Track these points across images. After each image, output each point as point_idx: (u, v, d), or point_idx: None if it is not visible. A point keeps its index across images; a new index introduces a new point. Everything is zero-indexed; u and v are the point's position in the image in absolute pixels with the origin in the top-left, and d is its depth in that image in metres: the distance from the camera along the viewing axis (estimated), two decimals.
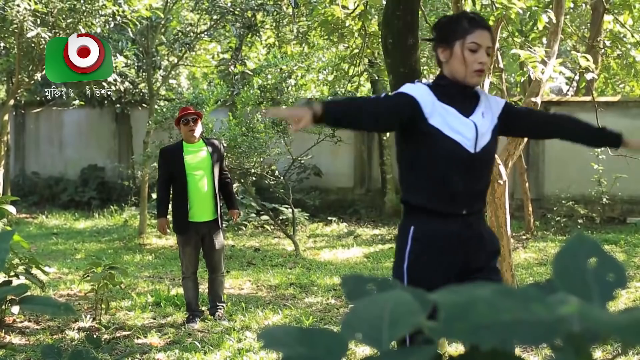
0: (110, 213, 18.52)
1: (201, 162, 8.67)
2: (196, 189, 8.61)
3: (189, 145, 8.73)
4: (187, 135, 8.69)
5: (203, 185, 8.65)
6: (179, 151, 8.69)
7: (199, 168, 8.64)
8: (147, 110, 17.03)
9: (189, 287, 8.84)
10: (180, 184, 8.60)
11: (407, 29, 6.45)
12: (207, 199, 8.67)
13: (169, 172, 8.68)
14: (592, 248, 1.20)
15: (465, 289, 1.14)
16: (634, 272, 11.39)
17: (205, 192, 8.65)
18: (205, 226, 8.69)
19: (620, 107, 16.52)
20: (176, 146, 8.91)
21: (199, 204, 8.63)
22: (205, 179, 8.67)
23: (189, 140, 8.72)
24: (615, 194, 15.84)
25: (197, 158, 8.68)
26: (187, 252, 8.74)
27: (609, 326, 1.01)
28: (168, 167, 8.70)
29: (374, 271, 11.99)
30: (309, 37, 15.29)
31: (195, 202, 8.62)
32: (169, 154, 8.82)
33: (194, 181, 8.61)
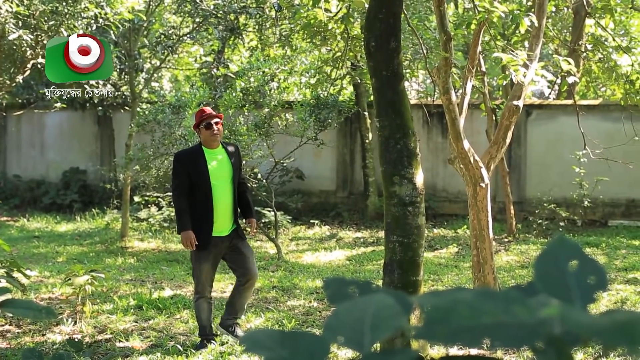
0: (92, 216, 18.46)
1: (222, 169, 7.90)
2: (218, 200, 7.80)
3: (209, 150, 7.94)
4: (209, 140, 7.91)
5: (225, 195, 7.87)
6: (200, 157, 7.87)
7: (221, 176, 7.86)
8: (129, 113, 16.98)
9: (204, 308, 7.95)
10: (203, 194, 7.76)
11: (389, 32, 6.46)
12: (228, 210, 7.90)
13: (189, 180, 7.77)
14: (573, 251, 1.20)
15: (447, 292, 1.14)
16: (615, 274, 11.44)
17: (227, 203, 7.87)
18: (226, 239, 7.88)
19: (601, 111, 16.59)
20: (195, 151, 8.03)
21: (221, 216, 7.82)
22: (226, 188, 7.89)
23: (211, 145, 7.95)
24: (596, 196, 15.90)
25: (219, 165, 7.91)
26: (204, 270, 7.83)
27: (590, 328, 1.01)
28: (188, 175, 7.78)
29: (357, 274, 12.00)
30: (291, 40, 15.28)
31: (219, 215, 7.80)
32: (189, 159, 7.91)
33: (219, 190, 7.82)
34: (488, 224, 8.28)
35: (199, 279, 7.90)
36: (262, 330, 1.24)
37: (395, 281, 6.43)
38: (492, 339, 1.01)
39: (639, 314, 1.05)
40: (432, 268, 12.14)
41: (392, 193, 6.49)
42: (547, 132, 17.06)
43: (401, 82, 6.58)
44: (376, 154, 8.37)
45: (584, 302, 1.14)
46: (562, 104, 17.02)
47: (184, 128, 13.58)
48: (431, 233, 15.88)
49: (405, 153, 6.46)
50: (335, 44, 10.81)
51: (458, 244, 14.74)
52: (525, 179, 17.31)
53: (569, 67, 8.47)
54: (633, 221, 16.61)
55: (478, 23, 8.10)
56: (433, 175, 17.54)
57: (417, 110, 16.17)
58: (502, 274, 11.44)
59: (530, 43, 8.96)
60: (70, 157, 21.09)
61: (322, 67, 11.68)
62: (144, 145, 14.29)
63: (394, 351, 1.10)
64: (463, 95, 8.50)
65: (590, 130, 12.73)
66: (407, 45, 11.69)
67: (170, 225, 16.46)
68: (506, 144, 8.70)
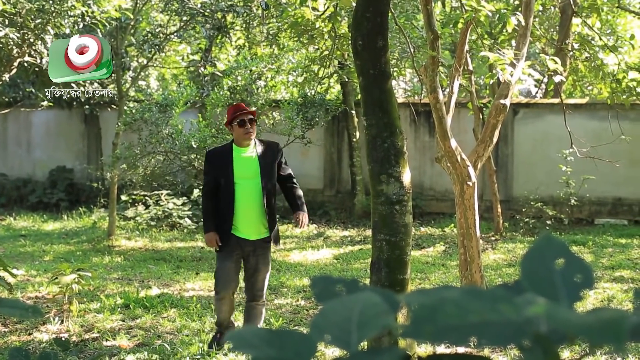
0: (79, 215, 18.41)
1: (249, 168, 7.52)
2: (243, 200, 7.44)
3: (239, 149, 7.58)
4: (242, 138, 7.54)
5: (250, 196, 7.48)
6: (227, 155, 7.56)
7: (246, 175, 7.49)
8: (116, 112, 16.96)
9: (224, 310, 7.69)
10: (227, 193, 7.46)
11: (376, 30, 6.46)
12: (254, 212, 7.49)
13: (216, 178, 7.53)
14: (559, 249, 1.21)
15: (434, 290, 1.15)
16: (601, 272, 11.47)
17: (252, 204, 7.47)
18: (250, 244, 7.51)
19: (588, 109, 16.64)
20: (225, 149, 7.71)
21: (245, 219, 7.46)
22: (253, 188, 7.49)
23: (243, 143, 7.58)
24: (583, 195, 15.95)
25: (246, 163, 7.53)
26: (226, 268, 7.50)
27: (576, 326, 1.01)
28: (215, 173, 7.55)
29: (344, 272, 12.01)
30: (278, 39, 15.27)
31: (241, 215, 7.45)
32: (217, 157, 7.63)
33: (244, 191, 7.46)
34: (475, 223, 8.29)
35: (218, 279, 7.59)
36: (249, 328, 1.24)
37: (383, 280, 6.43)
38: (479, 337, 1.02)
39: (625, 312, 1.06)
40: (419, 266, 12.15)
41: (379, 192, 6.49)
42: (534, 130, 17.10)
43: (388, 80, 6.58)
44: (363, 152, 8.38)
45: (571, 300, 1.15)
46: (549, 103, 17.07)
47: (171, 127, 13.56)
48: (418, 231, 15.90)
49: (392, 152, 6.46)
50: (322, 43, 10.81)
51: (445, 243, 14.76)
52: (512, 177, 17.35)
53: (556, 66, 8.48)
54: (619, 219, 16.66)
55: (465, 22, 8.11)
56: (420, 174, 17.57)
57: (405, 108, 16.20)
58: (489, 272, 11.46)
59: (517, 42, 8.98)
60: (57, 155, 21.04)
61: (310, 65, 11.67)
62: (131, 143, 14.26)
63: (381, 350, 1.10)
64: (450, 94, 8.52)
65: (577, 129, 12.76)
66: (395, 44, 11.69)
67: (157, 224, 16.44)
68: (493, 142, 8.71)
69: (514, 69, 8.19)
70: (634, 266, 12.09)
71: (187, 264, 12.85)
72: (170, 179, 15.77)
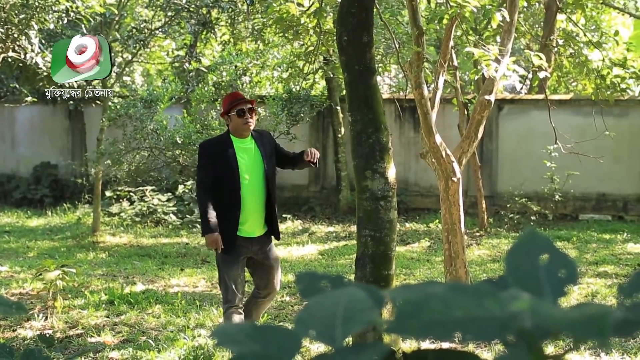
0: (64, 211, 18.36)
1: (254, 162, 7.00)
2: (249, 196, 6.93)
3: (239, 140, 7.02)
4: (241, 129, 6.99)
5: (255, 192, 6.97)
6: (228, 147, 6.96)
7: (252, 170, 6.97)
8: (100, 108, 16.89)
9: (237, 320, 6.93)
10: (231, 190, 6.88)
11: (361, 26, 6.46)
12: (259, 209, 7.01)
13: (215, 173, 6.91)
14: (543, 244, 1.21)
15: (418, 285, 1.15)
16: (585, 268, 11.51)
17: (257, 201, 6.99)
18: (255, 243, 7.04)
19: (572, 105, 16.68)
20: (223, 140, 7.09)
21: (251, 216, 6.96)
22: (258, 184, 6.99)
23: (243, 135, 7.02)
24: (567, 191, 15.99)
25: (251, 157, 7.00)
26: (232, 276, 6.92)
27: (560, 322, 1.02)
28: (215, 167, 6.91)
29: (329, 268, 12.01)
30: (263, 34, 15.25)
31: (248, 212, 6.94)
32: (216, 150, 7.01)
33: (249, 184, 6.94)
34: (460, 218, 8.31)
35: (226, 287, 6.95)
36: (234, 324, 1.24)
37: (368, 275, 6.44)
38: (464, 332, 1.02)
39: (609, 307, 1.06)
40: (404, 262, 12.17)
41: (364, 187, 6.49)
42: (519, 126, 17.13)
43: (373, 76, 6.59)
44: (348, 148, 8.38)
45: (555, 295, 1.15)
46: (533, 99, 17.10)
47: (155, 122, 13.54)
48: (403, 227, 15.92)
49: (377, 147, 6.46)
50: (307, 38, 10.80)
51: (430, 238, 14.78)
52: (497, 173, 17.38)
53: (541, 62, 8.50)
54: (603, 215, 16.73)
55: (450, 18, 8.11)
56: (405, 170, 17.58)
57: (390, 104, 16.20)
58: (474, 267, 11.48)
59: (502, 38, 8.99)
60: (41, 151, 20.95)
61: (295, 61, 11.66)
62: (115, 139, 14.23)
63: (366, 345, 1.10)
64: (435, 90, 8.53)
65: (562, 124, 12.79)
66: (380, 40, 11.69)
67: (142, 220, 16.41)
68: (478, 138, 8.73)
69: (499, 64, 8.20)
70: (618, 261, 12.14)
71: (172, 260, 12.83)
72: (155, 174, 15.74)
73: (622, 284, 1.16)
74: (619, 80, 10.15)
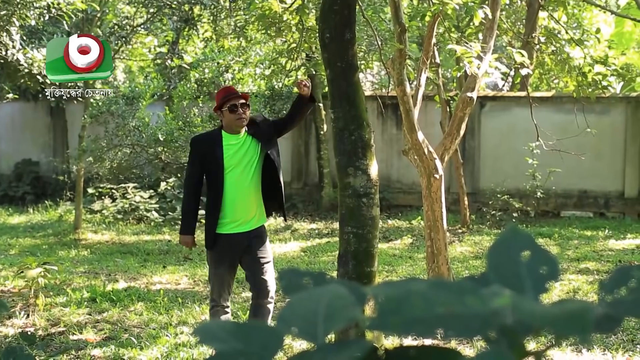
0: (45, 208, 18.29)
1: (244, 155, 6.75)
2: (238, 191, 6.70)
3: (230, 135, 6.80)
4: (234, 124, 6.76)
5: (243, 186, 6.72)
6: (217, 143, 6.76)
7: (240, 164, 6.72)
8: (82, 104, 16.84)
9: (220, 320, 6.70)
10: (215, 187, 6.73)
11: (344, 23, 6.46)
12: (247, 203, 6.76)
13: (202, 169, 6.79)
14: (525, 241, 1.21)
15: (400, 282, 1.15)
16: (567, 264, 11.55)
17: (246, 195, 6.74)
18: (245, 238, 6.77)
19: (554, 103, 16.74)
20: (212, 136, 6.89)
21: (239, 212, 6.73)
22: (247, 177, 6.73)
23: (235, 130, 6.78)
24: (549, 188, 16.05)
25: (240, 151, 6.76)
26: (219, 274, 6.80)
27: (542, 318, 1.02)
28: (201, 163, 6.77)
29: (311, 265, 12.02)
30: (246, 31, 15.24)
31: (235, 209, 6.72)
32: (204, 145, 6.84)
33: (235, 181, 6.70)
34: (442, 215, 8.32)
35: (212, 284, 6.91)
36: (216, 321, 1.24)
37: (350, 272, 6.44)
38: (445, 329, 1.02)
39: (590, 303, 1.06)
40: (386, 259, 12.18)
41: (346, 184, 6.50)
42: (501, 123, 17.18)
43: (356, 73, 6.59)
44: (331, 145, 8.39)
45: (536, 292, 1.15)
46: (515, 96, 17.16)
47: (137, 119, 13.50)
48: (385, 224, 15.94)
49: (359, 144, 6.47)
50: (290, 36, 10.79)
51: (412, 235, 14.81)
52: (479, 170, 17.42)
53: (523, 59, 8.52)
54: (585, 212, 16.80)
55: (432, 15, 8.12)
56: (387, 167, 17.60)
57: (372, 101, 16.22)
58: (456, 264, 11.51)
59: (484, 35, 9.01)
60: (22, 148, 20.86)
61: (277, 58, 11.66)
62: (97, 136, 14.20)
63: (349, 342, 1.10)
64: (417, 87, 8.54)
65: (543, 122, 12.83)
66: (362, 37, 11.70)
67: (124, 217, 16.37)
68: (460, 135, 8.75)
69: (481, 62, 8.22)
70: (599, 258, 12.19)
71: (154, 257, 12.81)
72: (137, 172, 15.73)
73: (603, 281, 1.16)
74: (601, 78, 10.18)
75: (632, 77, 12.14)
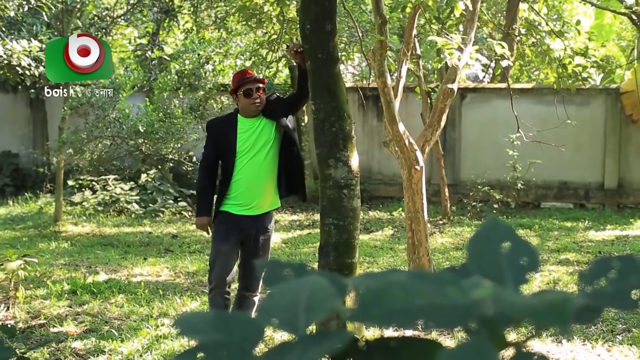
0: (25, 200, 18.20)
1: (259, 137, 6.72)
2: (251, 175, 6.66)
3: (245, 120, 6.77)
4: (248, 109, 6.74)
5: (261, 168, 6.69)
6: (231, 127, 6.74)
7: (254, 147, 6.68)
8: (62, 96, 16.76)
9: (219, 306, 6.73)
10: (226, 169, 6.72)
11: (324, 15, 6.46)
12: (263, 185, 6.73)
13: (216, 152, 6.80)
14: (505, 232, 1.21)
15: (381, 273, 1.15)
16: (547, 255, 11.59)
17: (263, 177, 6.71)
18: (254, 222, 6.75)
19: (534, 94, 16.78)
20: (228, 120, 6.87)
21: (252, 194, 6.69)
22: (264, 158, 6.70)
23: (250, 114, 6.76)
24: (529, 179, 16.10)
25: (255, 133, 6.72)
26: (222, 253, 6.70)
27: (522, 309, 1.02)
28: (216, 146, 6.79)
29: (293, 257, 12.02)
30: (227, 23, 15.21)
31: (249, 192, 6.68)
32: (219, 129, 6.83)
33: (248, 165, 6.67)
34: (423, 207, 8.34)
35: (212, 265, 6.80)
36: (196, 313, 1.24)
37: (331, 264, 6.45)
38: (426, 320, 1.02)
39: (570, 294, 1.07)
40: (367, 250, 12.19)
41: (327, 176, 6.50)
42: (481, 115, 17.21)
43: (336, 65, 6.59)
44: (312, 137, 8.39)
45: (516, 283, 1.15)
46: (496, 88, 17.18)
47: (118, 111, 13.46)
48: (366, 215, 15.96)
49: (340, 136, 6.47)
50: (270, 27, 10.79)
51: (393, 227, 14.83)
52: (460, 161, 17.45)
53: (503, 51, 8.54)
54: (565, 203, 16.86)
55: (413, 6, 8.12)
56: (368, 158, 17.60)
57: (353, 93, 16.20)
58: (437, 255, 11.53)
59: (465, 27, 9.02)
60: (1, 140, 20.72)
61: (258, 49, 11.65)
62: (77, 128, 14.12)
63: (330, 333, 1.10)
64: (398, 79, 8.54)
65: (524, 113, 12.87)
66: (343, 28, 11.70)
67: (104, 209, 16.33)
68: (441, 127, 8.76)
69: (462, 53, 8.23)
70: (579, 249, 12.24)
71: (135, 250, 12.77)
72: (118, 163, 15.66)
73: (583, 271, 1.17)
74: (581, 70, 10.22)
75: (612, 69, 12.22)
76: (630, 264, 1.15)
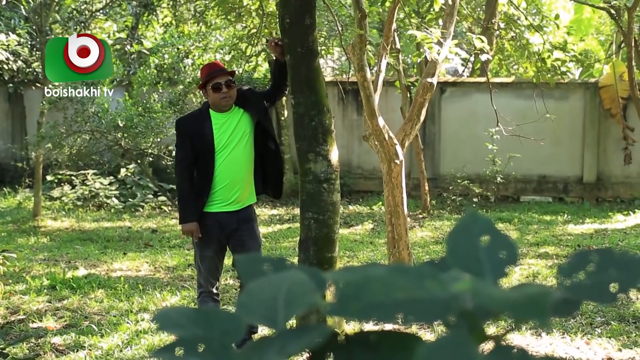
0: (4, 195, 18.11)
1: (235, 131, 6.49)
2: (230, 170, 6.44)
3: (218, 114, 6.52)
4: (219, 104, 6.48)
5: (240, 162, 6.49)
6: (205, 123, 6.46)
7: (231, 142, 6.45)
8: (41, 90, 16.67)
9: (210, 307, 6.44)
10: (205, 166, 6.45)
11: (304, 9, 6.46)
12: (242, 180, 6.52)
13: (193, 151, 6.45)
14: (484, 226, 1.22)
15: (360, 267, 1.15)
16: (526, 249, 11.64)
17: (242, 171, 6.51)
18: (234, 218, 6.52)
19: (514, 88, 16.83)
20: (200, 115, 6.58)
21: (232, 190, 6.47)
22: (243, 151, 6.50)
23: (222, 109, 6.50)
24: (509, 173, 16.14)
25: (231, 127, 6.48)
26: (206, 258, 6.53)
27: (501, 302, 1.03)
28: (191, 145, 6.45)
29: (272, 251, 12.01)
30: (206, 17, 15.17)
31: (229, 187, 6.47)
32: (192, 126, 6.52)
33: (227, 160, 6.44)
34: (403, 201, 8.35)
35: (199, 268, 6.63)
36: (176, 308, 1.24)
37: (311, 258, 6.46)
38: (406, 314, 1.02)
39: (549, 287, 1.07)
40: (347, 244, 12.20)
41: (307, 170, 6.50)
42: (461, 109, 17.24)
43: (316, 59, 6.59)
44: (291, 131, 8.38)
45: (496, 276, 1.16)
46: (475, 82, 17.22)
47: (97, 105, 13.41)
48: (346, 210, 15.97)
49: (320, 130, 6.47)
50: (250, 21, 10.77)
51: (373, 221, 14.84)
52: (440, 155, 17.48)
53: (482, 45, 8.56)
54: (544, 197, 16.93)
55: (393, 0, 8.13)
56: (348, 152, 17.61)
57: (332, 87, 16.20)
58: (417, 249, 11.56)
59: (445, 21, 9.03)
60: None
61: (237, 43, 11.62)
62: (56, 122, 14.07)
63: (309, 328, 1.10)
64: (378, 73, 8.55)
65: (503, 107, 12.91)
66: (322, 22, 11.68)
67: (83, 204, 16.27)
68: (420, 121, 8.77)
69: (441, 47, 8.24)
70: (558, 243, 12.29)
71: (114, 244, 12.74)
72: (97, 158, 15.61)
73: (562, 265, 1.17)
74: (560, 64, 10.26)
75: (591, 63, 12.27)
76: (609, 257, 1.15)
